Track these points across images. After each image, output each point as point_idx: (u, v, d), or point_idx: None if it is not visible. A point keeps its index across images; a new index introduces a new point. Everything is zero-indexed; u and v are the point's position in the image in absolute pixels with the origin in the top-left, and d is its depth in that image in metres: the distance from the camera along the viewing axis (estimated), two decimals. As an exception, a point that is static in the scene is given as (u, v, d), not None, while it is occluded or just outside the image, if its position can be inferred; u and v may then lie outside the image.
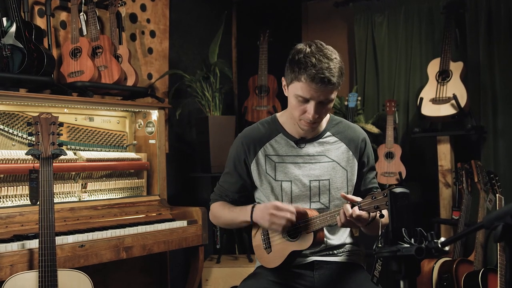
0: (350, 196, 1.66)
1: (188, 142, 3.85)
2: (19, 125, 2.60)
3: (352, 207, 1.61)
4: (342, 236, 1.93)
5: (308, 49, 1.74)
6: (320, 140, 1.92)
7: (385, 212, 1.54)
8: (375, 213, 1.59)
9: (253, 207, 1.86)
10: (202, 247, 2.94)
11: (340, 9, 4.09)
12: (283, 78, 1.86)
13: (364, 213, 1.59)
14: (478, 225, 1.11)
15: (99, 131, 2.98)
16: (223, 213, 2.00)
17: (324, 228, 1.81)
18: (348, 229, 1.95)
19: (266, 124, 1.96)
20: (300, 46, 1.79)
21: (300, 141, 1.91)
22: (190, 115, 3.82)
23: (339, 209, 1.67)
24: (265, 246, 1.90)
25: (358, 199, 1.63)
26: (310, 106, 1.75)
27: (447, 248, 1.19)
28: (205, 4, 4.00)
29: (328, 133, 1.93)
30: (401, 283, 1.26)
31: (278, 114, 1.99)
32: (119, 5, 3.09)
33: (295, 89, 1.76)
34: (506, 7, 3.37)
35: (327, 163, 1.89)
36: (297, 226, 1.78)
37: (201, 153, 3.58)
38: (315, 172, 1.88)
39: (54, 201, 2.13)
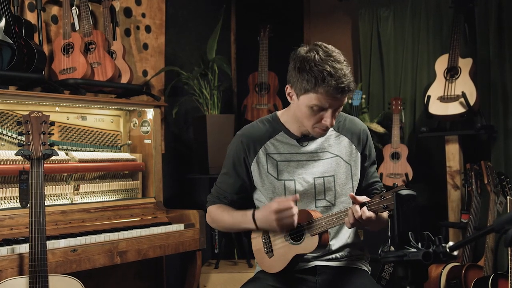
0: (358, 198, 1.65)
1: (185, 142, 3.83)
2: (8, 124, 2.59)
3: (360, 208, 1.62)
4: (345, 240, 1.90)
5: (316, 56, 1.69)
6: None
7: None
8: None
9: (253, 216, 1.81)
10: (200, 252, 2.92)
11: (344, 2, 4.06)
12: (287, 86, 1.80)
13: (373, 214, 1.60)
14: (488, 229, 1.11)
15: (92, 130, 2.96)
16: (221, 216, 1.96)
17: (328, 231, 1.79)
18: (351, 232, 1.93)
19: (267, 122, 1.93)
20: (304, 52, 1.72)
21: (303, 139, 1.88)
22: (187, 113, 3.81)
23: (345, 210, 1.67)
24: (267, 250, 1.87)
25: (365, 199, 1.64)
26: (328, 114, 1.73)
27: (455, 253, 1.18)
28: (203, -3, 4.04)
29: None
30: (408, 289, 1.25)
31: (279, 113, 1.95)
32: (113, -1, 3.12)
33: (309, 100, 1.72)
34: (517, 1, 3.33)
35: (330, 158, 1.87)
36: (300, 229, 1.76)
37: (198, 153, 3.56)
38: (318, 169, 1.86)
39: (45, 204, 2.11)
